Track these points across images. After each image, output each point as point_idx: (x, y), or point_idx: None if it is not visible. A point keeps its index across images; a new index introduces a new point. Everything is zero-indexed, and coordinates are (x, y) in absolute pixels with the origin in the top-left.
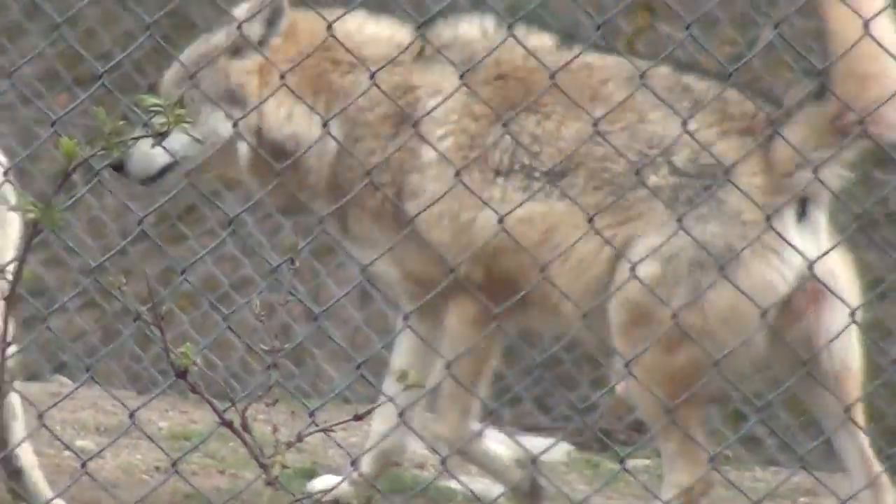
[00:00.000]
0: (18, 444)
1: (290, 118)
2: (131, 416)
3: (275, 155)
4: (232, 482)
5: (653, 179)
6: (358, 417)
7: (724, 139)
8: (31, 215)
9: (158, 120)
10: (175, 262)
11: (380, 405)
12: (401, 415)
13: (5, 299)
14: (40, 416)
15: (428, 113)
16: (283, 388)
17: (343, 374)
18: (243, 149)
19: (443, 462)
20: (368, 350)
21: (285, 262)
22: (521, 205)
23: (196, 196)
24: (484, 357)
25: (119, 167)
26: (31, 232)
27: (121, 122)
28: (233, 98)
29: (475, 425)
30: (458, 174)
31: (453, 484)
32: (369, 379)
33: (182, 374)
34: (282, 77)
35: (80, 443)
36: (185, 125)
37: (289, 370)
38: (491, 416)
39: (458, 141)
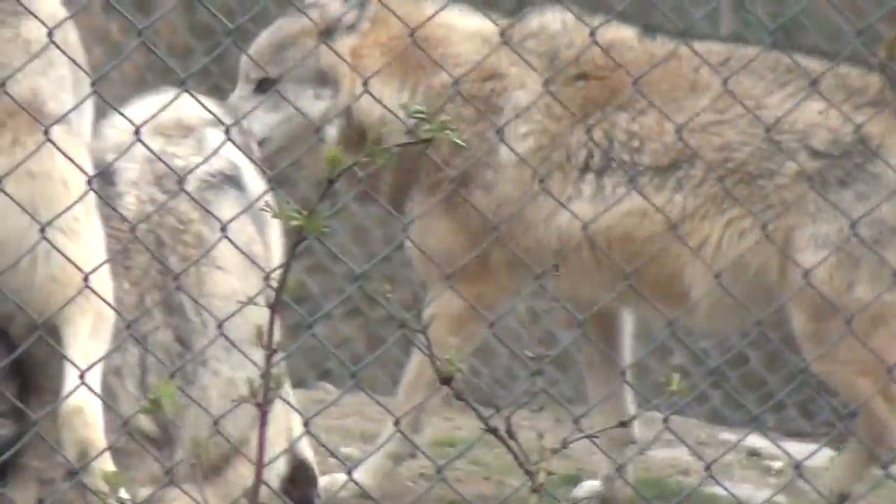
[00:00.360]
0: (298, 439)
1: (380, 100)
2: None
3: (360, 137)
4: (497, 489)
5: (791, 166)
6: (622, 424)
7: (860, 114)
8: (295, 223)
9: (423, 126)
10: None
11: (644, 411)
12: (665, 420)
13: (271, 306)
14: (306, 423)
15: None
16: (548, 395)
17: None
18: (331, 131)
19: (707, 468)
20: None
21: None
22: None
23: None
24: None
25: None
26: (296, 239)
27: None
28: (324, 79)
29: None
30: (541, 181)
31: (718, 490)
32: (633, 385)
33: (447, 380)
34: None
35: (344, 450)
36: (451, 132)
37: (553, 376)
38: (755, 422)
39: (539, 141)
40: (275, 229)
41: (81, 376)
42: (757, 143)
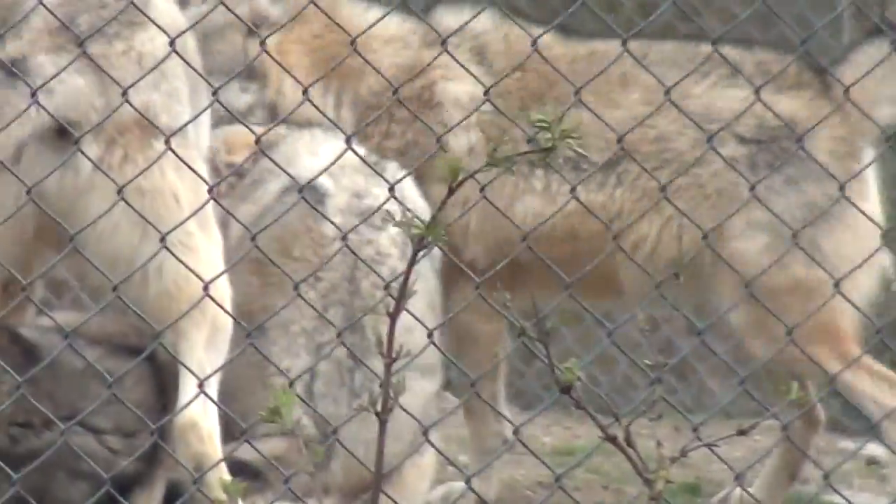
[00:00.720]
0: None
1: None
2: (515, 431)
3: None
4: (615, 497)
5: (723, 153)
6: (741, 432)
7: (782, 98)
8: (416, 231)
9: (544, 136)
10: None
11: (763, 420)
12: (784, 429)
13: (390, 314)
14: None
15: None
16: (667, 403)
17: (725, 388)
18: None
19: (825, 476)
20: (751, 364)
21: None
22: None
23: None
24: (492, 342)
25: None
26: (416, 248)
27: (505, 139)
28: (251, 73)
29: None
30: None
31: (836, 498)
32: (752, 393)
33: (566, 389)
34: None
35: (463, 458)
36: (571, 142)
37: (671, 385)
38: (874, 431)
39: (488, 132)
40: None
41: (200, 385)
42: (691, 132)
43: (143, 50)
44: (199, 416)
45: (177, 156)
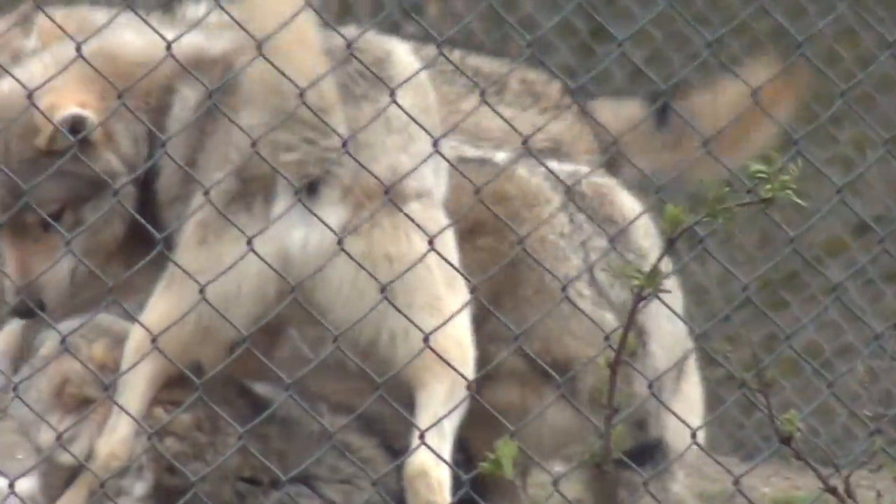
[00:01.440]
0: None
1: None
2: (735, 482)
3: None
4: None
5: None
6: None
7: (544, 119)
8: (636, 282)
9: (764, 186)
10: (778, 329)
11: None
12: None
13: (611, 366)
14: (645, 484)
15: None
16: (887, 454)
17: None
18: None
19: None
20: None
21: (889, 329)
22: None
23: (799, 263)
24: None
25: None
26: (636, 299)
27: (726, 189)
28: None
29: None
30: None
31: None
32: None
33: (786, 440)
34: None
35: None
36: (790, 192)
37: (891, 436)
38: None
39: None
40: None
41: (421, 436)
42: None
43: (390, 113)
44: (431, 465)
45: (411, 223)
